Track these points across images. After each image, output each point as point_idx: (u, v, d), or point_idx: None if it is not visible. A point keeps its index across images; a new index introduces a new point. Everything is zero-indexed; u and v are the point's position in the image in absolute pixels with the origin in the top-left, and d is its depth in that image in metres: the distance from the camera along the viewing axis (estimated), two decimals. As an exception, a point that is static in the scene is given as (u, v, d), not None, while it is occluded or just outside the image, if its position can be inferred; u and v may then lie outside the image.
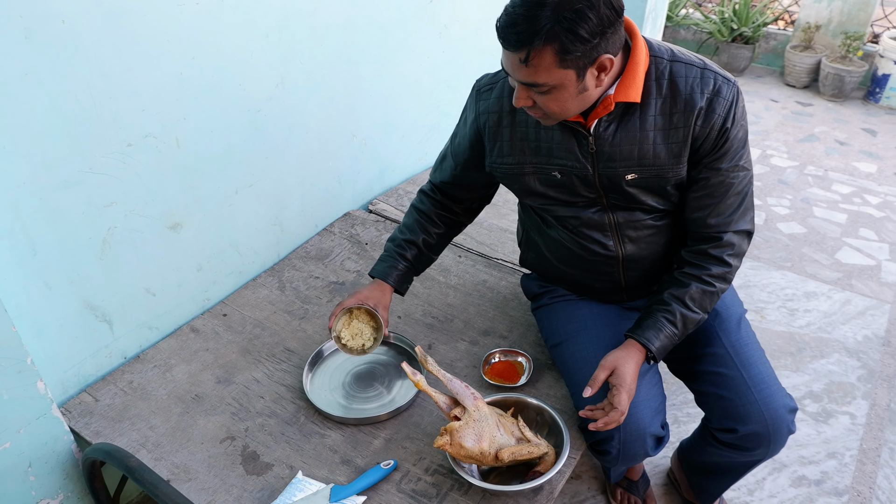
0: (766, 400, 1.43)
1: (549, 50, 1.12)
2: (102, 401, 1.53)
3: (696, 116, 1.28)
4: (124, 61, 1.39)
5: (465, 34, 2.42)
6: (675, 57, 1.30)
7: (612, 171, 1.35)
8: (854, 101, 4.89)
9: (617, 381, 1.32)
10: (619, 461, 1.44)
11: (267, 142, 1.81)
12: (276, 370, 1.62)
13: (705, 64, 1.31)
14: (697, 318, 1.41)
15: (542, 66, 1.14)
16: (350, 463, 1.39)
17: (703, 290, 1.39)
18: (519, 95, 1.23)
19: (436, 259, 1.68)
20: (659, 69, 1.29)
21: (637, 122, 1.30)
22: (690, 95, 1.28)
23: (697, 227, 1.40)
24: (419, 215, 1.63)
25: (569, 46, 1.12)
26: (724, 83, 1.29)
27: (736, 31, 5.09)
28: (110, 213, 1.49)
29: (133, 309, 1.63)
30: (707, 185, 1.36)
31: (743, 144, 1.35)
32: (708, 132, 1.29)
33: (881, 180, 3.81)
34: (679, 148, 1.31)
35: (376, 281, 1.58)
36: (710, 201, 1.37)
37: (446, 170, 1.59)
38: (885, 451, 2.14)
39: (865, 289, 2.89)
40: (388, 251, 1.61)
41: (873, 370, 2.45)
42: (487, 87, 1.43)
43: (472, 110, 1.47)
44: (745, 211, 1.39)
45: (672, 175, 1.35)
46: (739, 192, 1.37)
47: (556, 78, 1.16)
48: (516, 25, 1.11)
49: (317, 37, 1.83)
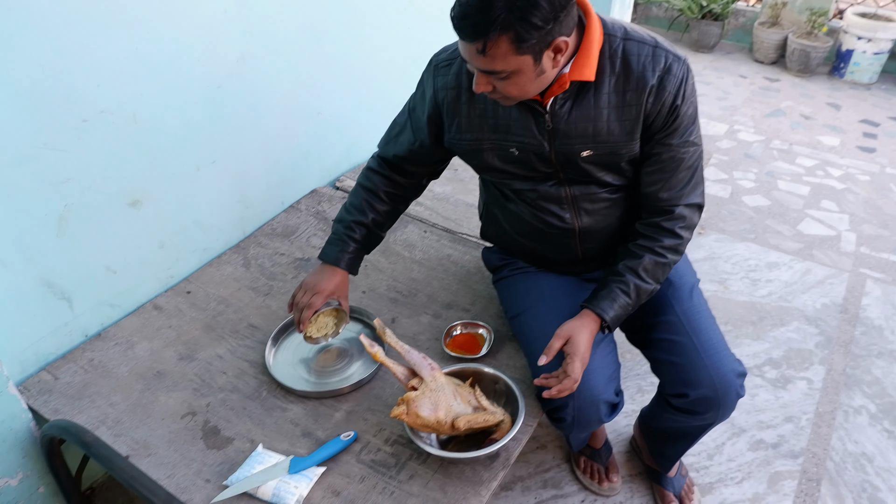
0: (715, 365, 1.48)
1: (505, 39, 1.13)
2: (62, 379, 1.53)
3: (648, 94, 1.31)
4: (77, 36, 1.37)
5: (431, 10, 2.42)
6: (628, 35, 1.32)
7: (568, 147, 1.37)
8: (820, 76, 4.96)
9: (571, 350, 1.36)
10: (575, 428, 1.48)
11: (229, 118, 1.80)
12: (240, 346, 1.64)
13: (657, 42, 1.33)
14: (650, 289, 1.45)
15: (499, 55, 1.15)
16: (311, 436, 1.42)
17: (655, 262, 1.43)
18: (479, 82, 1.24)
19: (384, 236, 1.66)
20: (612, 47, 1.31)
21: (592, 99, 1.32)
22: (642, 73, 1.30)
23: (650, 201, 1.43)
24: (367, 194, 1.60)
25: (524, 35, 1.13)
26: (674, 61, 1.31)
27: (705, 7, 5.12)
28: (66, 189, 1.48)
29: (93, 286, 1.62)
30: (659, 161, 1.39)
31: (693, 121, 1.38)
32: (659, 109, 1.32)
33: (843, 153, 3.89)
34: (632, 125, 1.34)
35: (329, 268, 1.56)
36: (661, 176, 1.40)
37: (403, 143, 1.57)
38: (839, 413, 2.22)
39: (825, 258, 2.97)
40: (337, 233, 1.58)
41: (831, 337, 2.53)
42: (445, 63, 1.43)
43: (429, 86, 1.47)
44: (695, 185, 1.43)
45: (626, 151, 1.37)
46: (690, 167, 1.41)
47: (513, 64, 1.18)
48: (471, 17, 1.12)
49: (278, 12, 1.82)
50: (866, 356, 2.44)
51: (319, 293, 1.52)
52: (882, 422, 2.18)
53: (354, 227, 1.57)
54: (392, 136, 1.60)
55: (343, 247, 1.56)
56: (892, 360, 2.43)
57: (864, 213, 3.32)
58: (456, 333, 1.67)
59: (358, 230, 1.57)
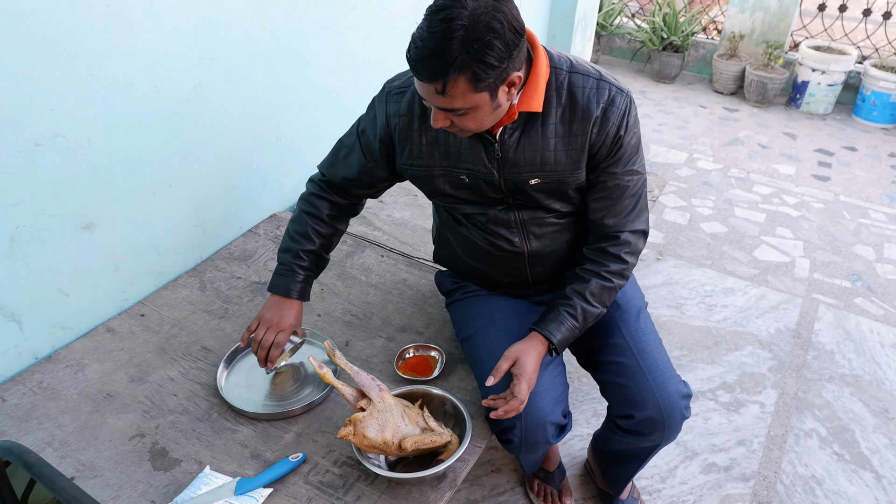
0: (660, 386, 1.51)
1: (463, 79, 1.17)
2: (10, 401, 1.52)
3: (593, 125, 1.36)
4: (29, 61, 1.39)
5: (390, 40, 2.48)
6: (574, 68, 1.37)
7: (517, 175, 1.41)
8: (777, 106, 5.11)
9: (518, 371, 1.39)
10: (523, 449, 1.50)
11: (185, 143, 1.82)
12: (192, 368, 1.64)
13: (601, 75, 1.38)
14: (597, 312, 1.48)
15: (457, 94, 1.19)
16: (260, 457, 1.42)
17: (602, 286, 1.47)
18: (436, 118, 1.28)
19: (330, 258, 1.67)
20: (559, 80, 1.36)
21: (539, 129, 1.37)
22: (587, 105, 1.35)
23: (597, 227, 1.48)
24: (311, 220, 1.60)
25: (481, 74, 1.17)
26: (617, 93, 1.37)
27: (666, 39, 5.27)
28: (17, 212, 1.48)
29: (44, 309, 1.62)
30: (604, 188, 1.44)
31: (636, 150, 1.44)
32: (604, 139, 1.37)
33: (799, 181, 4.01)
34: (578, 154, 1.39)
35: (284, 300, 1.56)
36: (607, 203, 1.45)
37: (353, 165, 1.56)
38: (790, 437, 2.26)
39: (780, 284, 3.04)
40: (286, 263, 1.58)
41: (783, 361, 2.58)
42: (398, 91, 1.46)
43: (381, 111, 1.48)
44: (639, 212, 1.48)
45: (572, 180, 1.42)
46: (634, 195, 1.46)
47: (471, 101, 1.21)
48: (428, 60, 1.16)
49: (234, 41, 1.85)
50: (818, 380, 2.50)
51: (283, 330, 1.53)
52: (832, 445, 2.23)
53: (303, 255, 1.58)
54: (340, 158, 1.59)
55: (293, 276, 1.56)
56: (843, 385, 2.48)
57: (817, 239, 3.41)
58: (408, 356, 1.69)
59: (306, 258, 1.58)
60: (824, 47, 4.91)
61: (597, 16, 4.25)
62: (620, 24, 5.70)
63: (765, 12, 5.05)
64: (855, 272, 3.15)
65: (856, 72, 4.93)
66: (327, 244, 1.62)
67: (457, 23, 1.13)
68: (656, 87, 5.38)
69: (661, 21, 5.28)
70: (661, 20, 5.29)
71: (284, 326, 1.54)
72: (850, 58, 4.75)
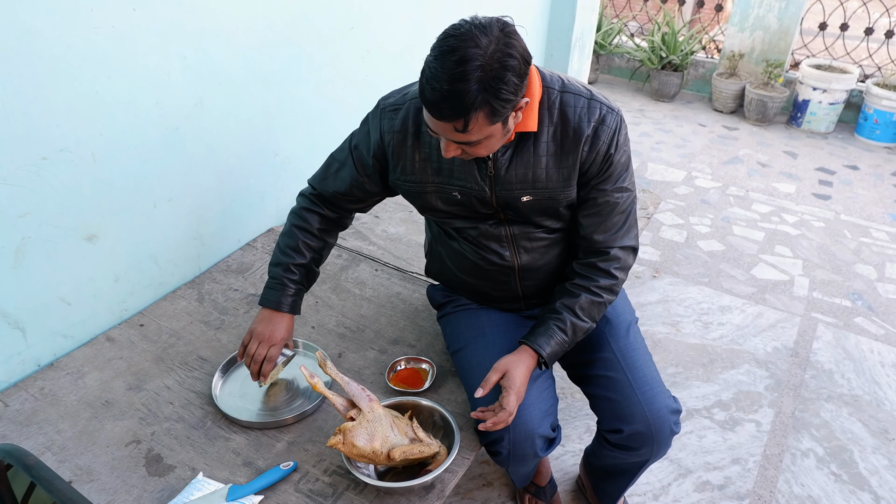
0: (649, 401, 1.53)
1: (482, 114, 1.20)
2: (12, 406, 1.56)
3: (584, 143, 1.39)
4: (38, 79, 1.45)
5: (387, 59, 2.53)
6: (565, 87, 1.41)
7: (509, 193, 1.44)
8: (778, 125, 5.14)
9: (507, 384, 1.41)
10: (511, 462, 1.52)
11: (185, 158, 1.87)
12: (188, 377, 1.68)
13: (592, 94, 1.42)
14: (586, 327, 1.51)
15: (475, 128, 1.22)
16: (252, 465, 1.45)
17: (591, 301, 1.50)
18: (448, 149, 1.30)
19: (320, 271, 1.70)
20: (551, 99, 1.39)
21: (531, 148, 1.41)
22: (579, 124, 1.39)
23: (587, 243, 1.51)
24: (302, 234, 1.61)
25: (499, 110, 1.21)
26: (608, 112, 1.40)
27: (665, 59, 5.31)
28: (24, 223, 1.53)
29: (47, 317, 1.67)
30: (595, 205, 1.47)
31: (626, 168, 1.47)
32: (594, 157, 1.41)
33: (799, 200, 4.02)
34: (569, 172, 1.42)
35: (275, 314, 1.58)
36: (597, 219, 1.48)
37: (344, 179, 1.58)
38: (787, 456, 2.26)
39: (778, 302, 3.05)
40: (276, 277, 1.59)
41: (780, 380, 2.58)
42: (392, 108, 1.48)
43: (375, 127, 1.51)
44: (629, 228, 1.51)
45: (563, 197, 1.45)
46: (623, 211, 1.49)
47: (486, 133, 1.25)
48: (448, 100, 1.17)
49: (235, 59, 1.91)
50: (816, 399, 2.50)
51: (276, 344, 1.55)
52: (829, 465, 2.22)
53: (294, 268, 1.59)
54: (331, 172, 1.61)
55: (284, 290, 1.58)
56: (842, 405, 2.48)
57: (817, 258, 3.42)
58: (400, 368, 1.72)
59: (297, 271, 1.60)
60: (825, 66, 4.94)
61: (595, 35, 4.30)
62: (619, 43, 5.75)
63: (765, 31, 5.09)
64: (855, 291, 3.16)
65: (858, 90, 4.96)
66: (318, 258, 1.65)
67: (473, 63, 1.15)
68: (655, 106, 5.42)
69: (661, 40, 5.33)
70: (661, 39, 5.34)
71: (276, 340, 1.56)
72: (852, 76, 4.78)
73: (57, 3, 1.43)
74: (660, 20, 5.46)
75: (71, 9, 1.46)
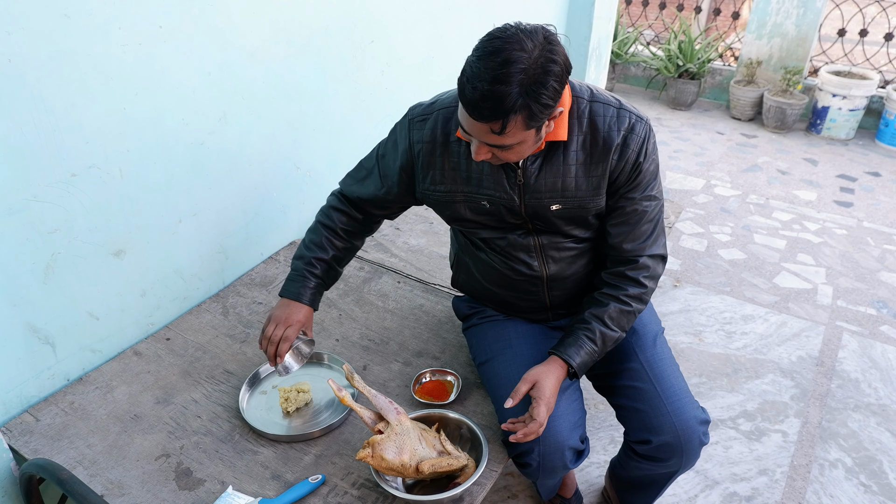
0: (678, 411, 1.52)
1: (521, 118, 1.21)
2: (43, 420, 1.58)
3: (614, 152, 1.40)
4: (68, 97, 1.47)
5: (406, 72, 2.55)
6: (594, 97, 1.42)
7: (538, 202, 1.45)
8: (797, 132, 5.11)
9: (537, 395, 1.40)
10: (541, 474, 1.51)
11: (210, 173, 1.89)
12: (215, 391, 1.69)
13: (620, 104, 1.43)
14: (616, 336, 1.50)
15: (510, 132, 1.23)
16: (280, 478, 1.45)
17: (621, 310, 1.49)
18: (479, 151, 1.31)
19: (342, 272, 1.70)
20: (580, 108, 1.40)
21: (561, 157, 1.41)
22: (608, 133, 1.39)
23: (615, 252, 1.51)
24: (327, 231, 1.64)
25: (537, 115, 1.21)
26: (637, 121, 1.41)
27: (682, 67, 5.30)
28: (54, 239, 1.55)
29: (76, 332, 1.68)
30: (623, 214, 1.47)
31: (654, 176, 1.47)
32: (623, 166, 1.41)
33: (820, 207, 3.99)
34: (598, 181, 1.43)
35: (293, 302, 1.58)
36: (625, 228, 1.48)
37: (369, 187, 1.61)
38: (815, 467, 2.23)
39: (801, 311, 3.02)
40: (298, 270, 1.61)
41: (806, 389, 2.56)
42: (421, 118, 1.50)
43: (403, 138, 1.52)
44: (657, 237, 1.51)
45: (592, 206, 1.46)
46: (652, 220, 1.49)
47: (520, 138, 1.25)
48: (488, 101, 1.18)
49: (258, 75, 1.93)
50: (842, 409, 2.47)
51: (292, 325, 1.55)
52: (858, 475, 2.20)
53: (315, 262, 1.61)
54: (358, 179, 1.64)
55: (304, 282, 1.60)
56: (869, 414, 2.45)
57: (840, 266, 3.38)
58: (425, 381, 1.72)
59: (318, 266, 1.61)
60: (844, 72, 4.91)
61: (611, 44, 4.30)
62: (635, 52, 5.75)
63: (783, 38, 5.07)
64: (880, 299, 3.12)
65: (878, 96, 4.92)
66: (340, 256, 1.65)
67: (517, 66, 1.16)
68: (672, 114, 5.41)
69: (677, 49, 5.33)
70: (677, 48, 5.33)
71: (293, 322, 1.55)
72: (872, 82, 4.74)
73: (88, 22, 1.45)
74: (676, 28, 5.46)
75: (100, 28, 1.48)
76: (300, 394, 1.63)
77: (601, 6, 3.48)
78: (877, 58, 5.11)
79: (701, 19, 6.25)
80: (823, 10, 4.94)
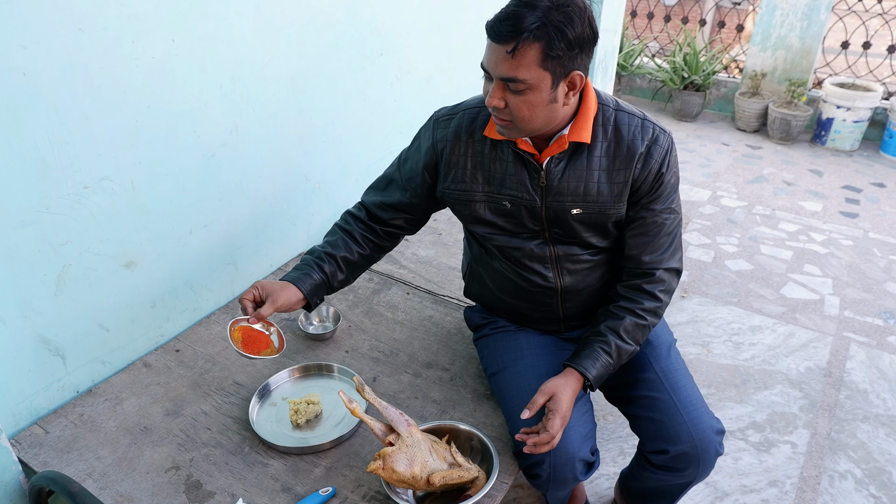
0: (694, 421, 1.52)
1: (536, 46, 1.23)
2: (52, 433, 1.58)
3: (637, 160, 1.41)
4: (81, 110, 1.48)
5: (415, 85, 2.56)
6: (619, 107, 1.45)
7: (560, 204, 1.46)
8: (802, 143, 5.11)
9: (553, 407, 1.40)
10: (551, 485, 1.51)
11: (221, 185, 1.90)
12: (225, 403, 1.68)
13: (644, 116, 1.45)
14: (631, 350, 1.50)
15: (525, 61, 1.24)
16: (290, 490, 1.45)
17: (636, 323, 1.50)
18: (494, 94, 1.31)
19: (352, 282, 1.68)
20: (605, 115, 1.43)
21: (585, 161, 1.43)
22: (632, 141, 1.41)
23: (633, 263, 1.51)
24: (344, 234, 1.64)
25: (554, 44, 1.23)
26: (661, 133, 1.44)
27: (687, 79, 5.32)
28: (65, 251, 1.56)
29: (86, 344, 1.68)
30: (643, 225, 1.48)
31: (674, 189, 1.49)
32: (646, 176, 1.43)
33: (826, 218, 3.98)
34: (621, 188, 1.44)
35: (289, 284, 1.55)
36: (644, 240, 1.49)
37: (392, 193, 1.62)
38: (824, 478, 2.22)
39: (809, 322, 3.01)
40: (306, 261, 1.60)
41: (815, 400, 2.55)
42: (446, 118, 1.53)
43: (427, 138, 1.55)
44: (674, 250, 1.52)
45: (613, 212, 1.46)
46: (670, 233, 1.50)
47: (534, 76, 1.26)
48: (509, 19, 1.22)
49: (269, 87, 1.94)
50: (851, 420, 2.46)
51: (270, 295, 1.50)
52: (868, 487, 2.19)
53: (324, 257, 1.60)
54: (380, 188, 1.67)
55: (308, 271, 1.57)
56: (878, 425, 2.44)
57: (847, 277, 3.38)
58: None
59: (327, 261, 1.60)
60: (849, 84, 4.92)
61: (617, 56, 4.31)
62: (641, 64, 5.77)
63: (787, 50, 5.09)
64: (887, 310, 3.11)
65: (882, 108, 4.93)
66: (351, 259, 1.63)
67: (544, 1, 1.21)
68: (678, 126, 5.42)
69: (682, 61, 5.35)
70: (682, 60, 5.35)
71: (270, 291, 1.50)
72: (876, 94, 4.75)
73: (102, 36, 1.47)
74: (681, 40, 5.48)
75: (114, 41, 1.49)
76: (310, 405, 1.63)
77: (607, 19, 3.49)
78: (880, 70, 5.12)
79: (705, 32, 6.27)
80: (827, 23, 4.96)
